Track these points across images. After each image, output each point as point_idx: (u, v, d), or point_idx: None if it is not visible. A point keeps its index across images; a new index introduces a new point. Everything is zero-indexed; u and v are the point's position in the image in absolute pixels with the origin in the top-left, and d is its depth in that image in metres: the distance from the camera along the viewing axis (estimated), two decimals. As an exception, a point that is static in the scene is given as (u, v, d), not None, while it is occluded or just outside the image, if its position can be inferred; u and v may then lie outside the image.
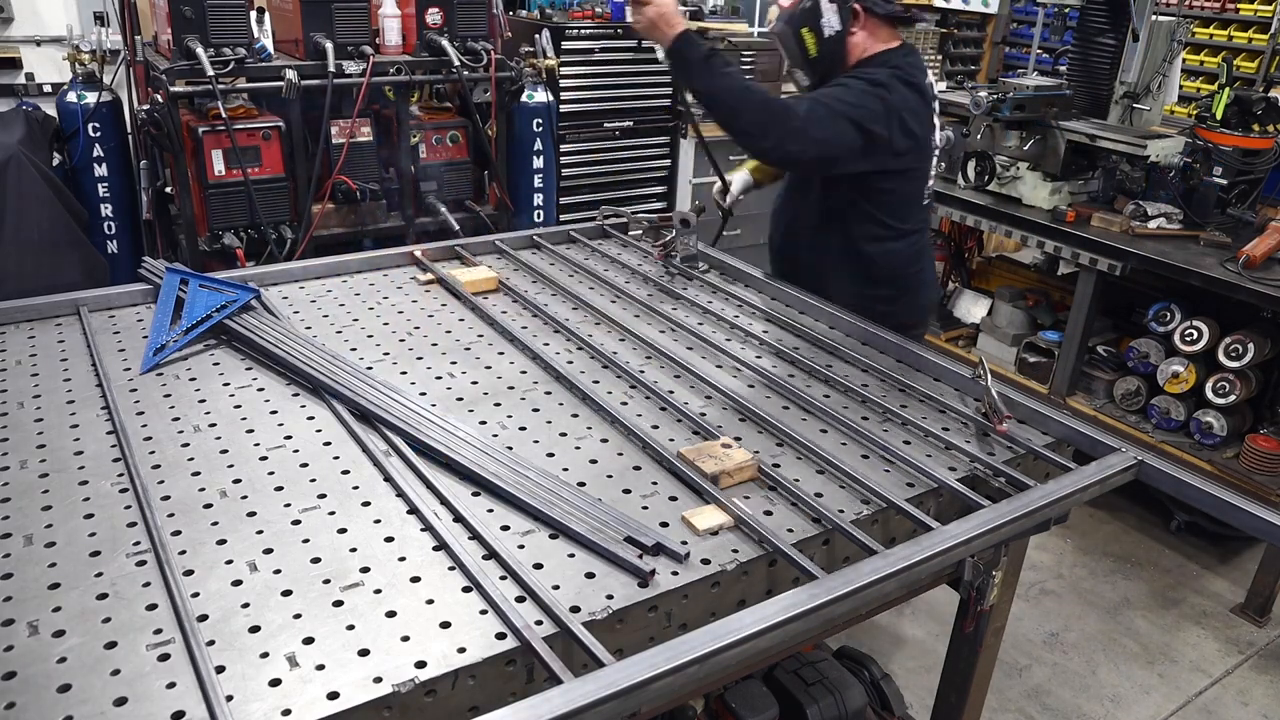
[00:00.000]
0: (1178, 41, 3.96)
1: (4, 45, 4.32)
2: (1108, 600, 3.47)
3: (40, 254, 3.74)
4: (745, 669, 1.78)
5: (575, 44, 4.83)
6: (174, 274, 2.26)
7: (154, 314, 2.15)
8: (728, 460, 1.65)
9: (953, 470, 1.73)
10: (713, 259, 2.75)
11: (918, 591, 1.84)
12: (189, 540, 1.43)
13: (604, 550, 1.42)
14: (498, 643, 1.25)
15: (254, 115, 3.60)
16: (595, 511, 1.50)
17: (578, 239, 2.91)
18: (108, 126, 3.94)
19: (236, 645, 1.23)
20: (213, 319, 2.09)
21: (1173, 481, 1.73)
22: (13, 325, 2.16)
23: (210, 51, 3.36)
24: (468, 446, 1.66)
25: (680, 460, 1.67)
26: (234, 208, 3.56)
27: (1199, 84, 7.13)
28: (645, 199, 5.38)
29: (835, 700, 2.20)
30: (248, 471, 1.63)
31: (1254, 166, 3.53)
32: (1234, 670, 3.17)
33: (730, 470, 1.63)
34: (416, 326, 2.26)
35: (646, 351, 2.17)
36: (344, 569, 1.38)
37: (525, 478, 1.58)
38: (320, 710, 1.13)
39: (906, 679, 2.97)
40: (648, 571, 1.37)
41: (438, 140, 4.01)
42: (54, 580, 1.34)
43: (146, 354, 2.00)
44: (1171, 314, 3.50)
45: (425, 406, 1.78)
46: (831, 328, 2.35)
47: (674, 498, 1.60)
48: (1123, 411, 3.73)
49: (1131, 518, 3.96)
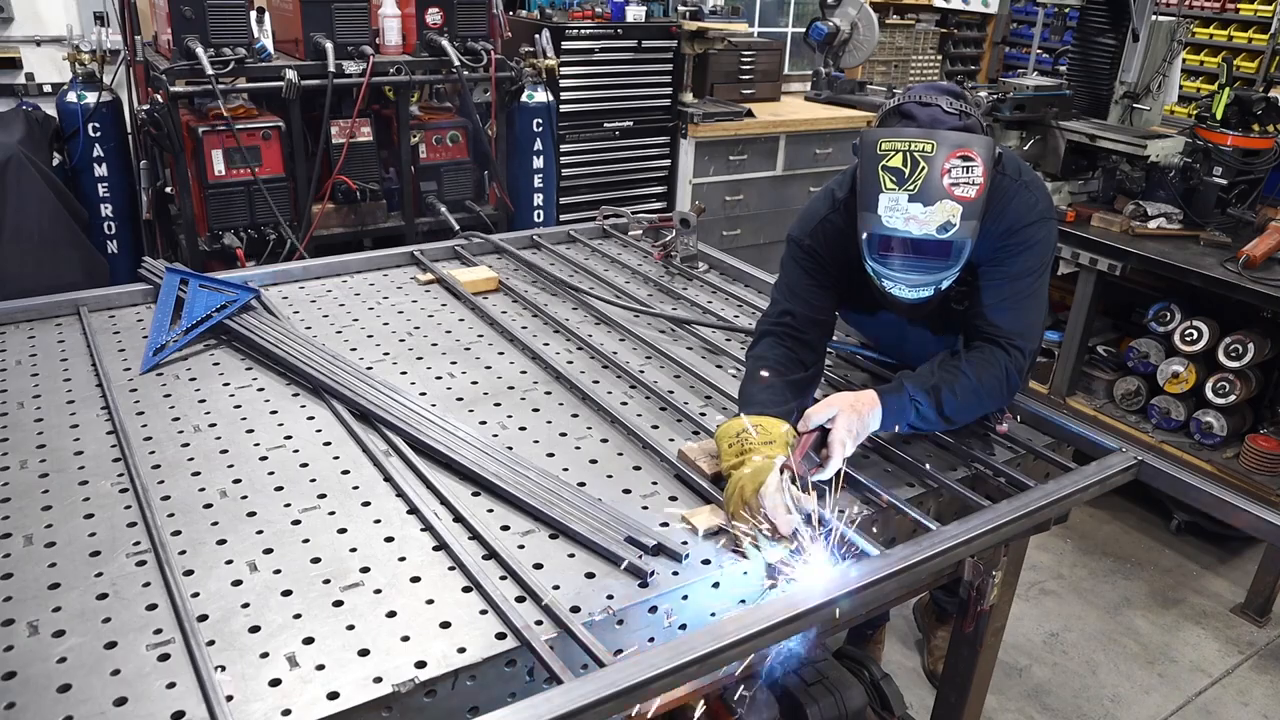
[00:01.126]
0: (1178, 41, 3.96)
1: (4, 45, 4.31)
2: (1108, 600, 3.47)
3: (40, 254, 3.74)
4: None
5: (575, 44, 4.83)
6: (174, 274, 2.26)
7: (154, 314, 2.15)
8: None
9: (953, 470, 1.73)
10: (713, 259, 2.75)
11: (918, 591, 1.84)
12: (189, 540, 1.43)
13: (604, 550, 1.42)
14: (498, 643, 1.25)
15: (254, 115, 3.60)
16: (595, 511, 1.50)
17: (578, 239, 2.92)
18: (108, 126, 3.94)
19: (236, 645, 1.23)
20: (213, 319, 2.09)
21: (1173, 481, 1.73)
22: (13, 325, 2.16)
23: (210, 51, 3.35)
24: (468, 446, 1.66)
25: (681, 460, 1.67)
26: (234, 208, 3.56)
27: (1199, 84, 7.12)
28: (645, 199, 5.38)
29: (835, 700, 2.20)
30: (248, 471, 1.63)
31: (1254, 166, 3.53)
32: (1234, 670, 3.17)
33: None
34: (416, 326, 2.26)
35: (646, 351, 2.17)
36: (344, 569, 1.38)
37: (525, 478, 1.58)
38: (320, 710, 1.13)
39: (906, 679, 2.97)
40: (648, 571, 1.37)
41: (438, 140, 4.01)
42: (54, 580, 1.34)
43: (146, 354, 2.00)
44: (1171, 314, 3.49)
45: (425, 406, 1.78)
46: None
47: (674, 498, 1.60)
48: (1123, 411, 3.73)
49: (1131, 518, 3.96)
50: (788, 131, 5.69)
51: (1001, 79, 4.08)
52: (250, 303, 2.18)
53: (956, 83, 6.57)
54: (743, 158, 5.56)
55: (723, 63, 5.79)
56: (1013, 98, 3.74)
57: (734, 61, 5.86)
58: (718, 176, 5.50)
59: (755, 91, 5.97)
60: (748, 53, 5.93)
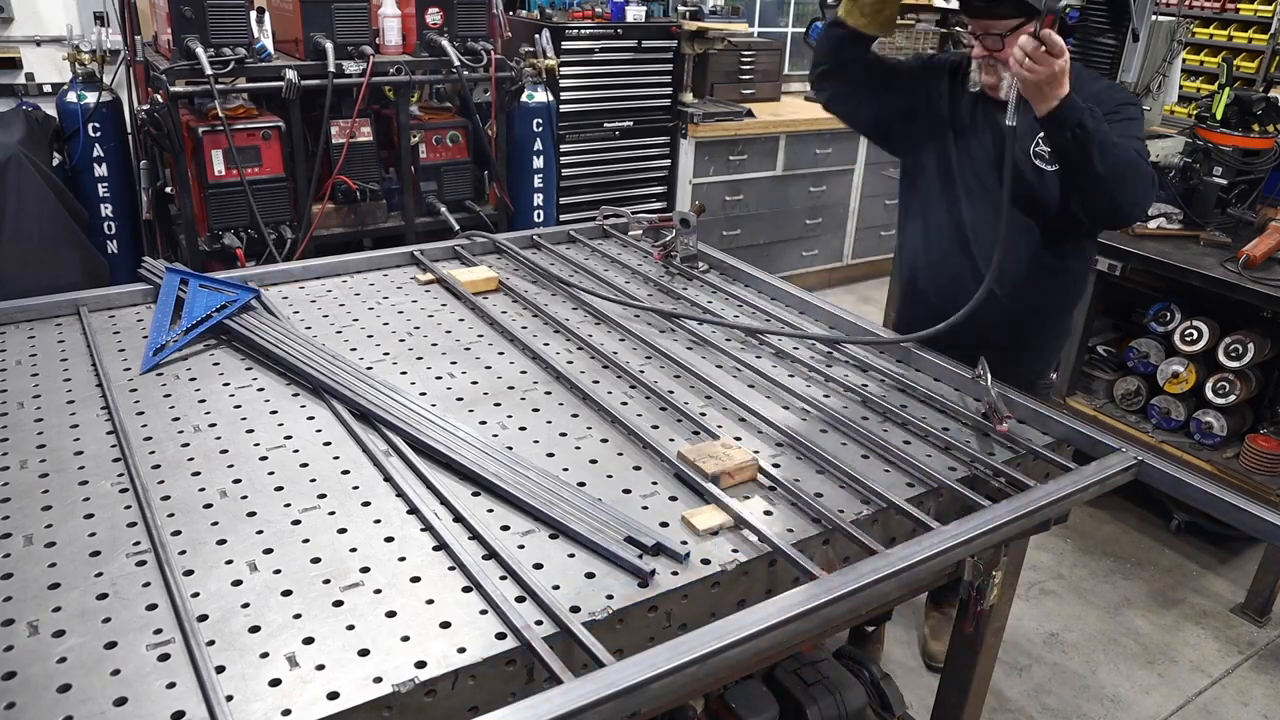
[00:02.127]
0: (1178, 41, 3.97)
1: (4, 45, 4.32)
2: (1108, 600, 3.47)
3: (40, 254, 3.74)
4: (745, 669, 1.78)
5: (575, 44, 4.84)
6: (174, 274, 2.26)
7: (154, 314, 2.15)
8: (728, 460, 1.65)
9: (953, 470, 1.73)
10: (713, 259, 2.74)
11: (918, 591, 1.85)
12: (189, 540, 1.43)
13: (604, 550, 1.42)
14: (498, 643, 1.25)
15: (254, 115, 3.60)
16: (595, 511, 1.50)
17: (578, 239, 2.92)
18: (108, 126, 3.94)
19: (236, 645, 1.23)
20: (213, 319, 2.09)
21: (1173, 481, 1.73)
22: (13, 325, 2.16)
23: (210, 51, 3.36)
24: (467, 446, 1.66)
25: (681, 460, 1.67)
26: (234, 208, 3.56)
27: (1199, 84, 7.12)
28: (645, 199, 5.39)
29: (835, 700, 2.20)
30: (248, 471, 1.63)
31: (1254, 166, 3.53)
32: (1234, 670, 3.17)
33: (731, 470, 1.63)
34: (416, 326, 2.26)
35: (646, 351, 2.17)
36: (344, 569, 1.38)
37: (525, 478, 1.58)
38: (320, 710, 1.13)
39: (906, 679, 2.97)
40: (648, 571, 1.37)
41: (438, 140, 4.01)
42: (54, 580, 1.33)
43: (146, 354, 2.00)
44: (1171, 314, 3.50)
45: (425, 407, 1.78)
46: (831, 328, 2.34)
47: (674, 498, 1.60)
48: (1123, 411, 3.73)
49: (1131, 518, 3.96)
50: (788, 131, 5.70)
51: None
52: (250, 303, 2.18)
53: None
54: (743, 158, 5.56)
55: (723, 63, 5.79)
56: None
57: (734, 61, 5.87)
58: (718, 176, 5.51)
59: (755, 91, 5.98)
60: (748, 53, 5.93)
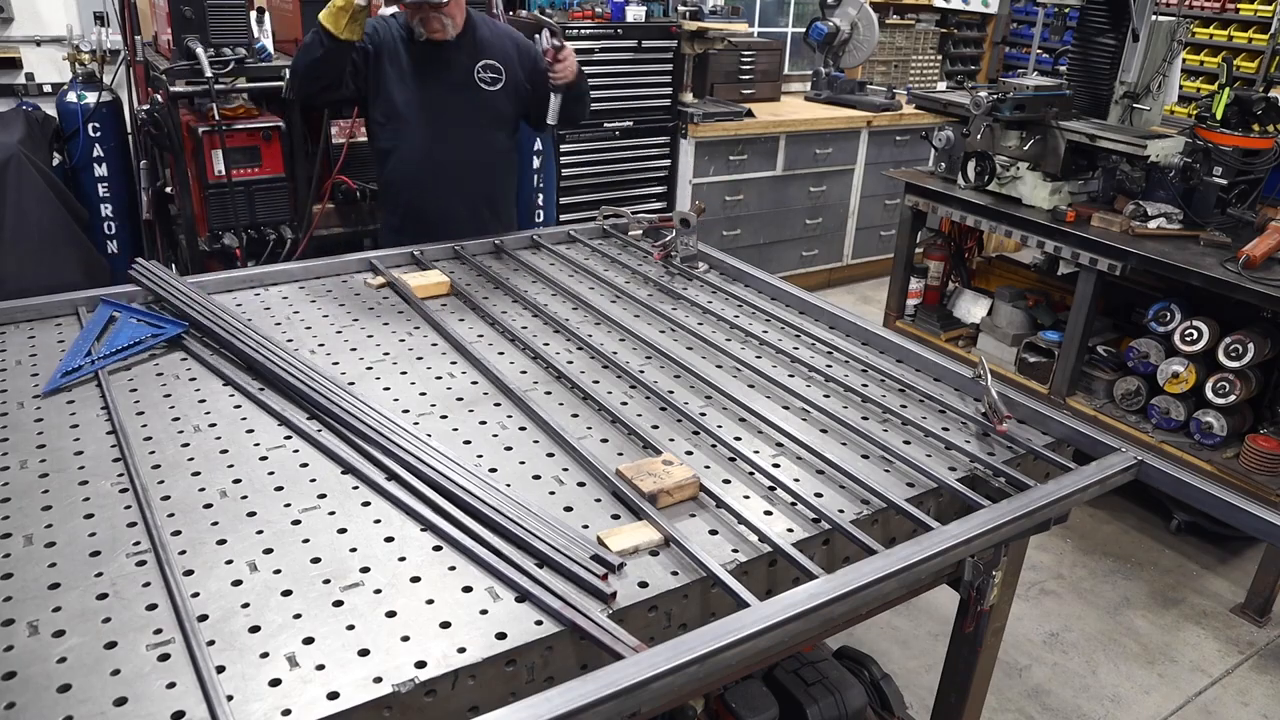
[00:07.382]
0: (1178, 41, 3.96)
1: (4, 45, 4.32)
2: (1108, 600, 3.47)
3: (40, 254, 3.75)
4: (745, 669, 1.78)
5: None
6: (108, 306, 2.19)
7: (75, 337, 2.06)
8: (667, 478, 1.58)
9: (953, 470, 1.73)
10: (713, 259, 2.75)
11: (918, 591, 1.84)
12: (189, 540, 1.43)
13: (567, 571, 1.36)
14: (498, 643, 1.25)
15: (254, 115, 3.60)
16: (559, 532, 1.44)
17: (578, 239, 2.92)
18: (108, 126, 3.95)
19: (236, 645, 1.23)
20: (135, 348, 2.01)
21: (1173, 481, 1.73)
22: (13, 325, 2.16)
23: (210, 51, 3.36)
24: (438, 460, 1.60)
25: (619, 478, 1.59)
26: (234, 208, 3.56)
27: (1199, 84, 7.12)
28: (645, 199, 5.38)
29: (835, 700, 2.20)
30: (248, 471, 1.63)
31: (1254, 166, 3.52)
32: (1234, 670, 3.17)
33: (670, 489, 1.56)
34: (416, 327, 2.26)
35: (646, 351, 2.17)
36: (344, 569, 1.38)
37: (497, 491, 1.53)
38: (320, 710, 1.13)
39: (906, 679, 2.97)
40: (609, 594, 1.33)
41: (438, 140, 4.00)
42: (54, 580, 1.34)
43: (55, 375, 1.90)
44: (1171, 314, 3.49)
45: (391, 418, 1.71)
46: (831, 328, 2.35)
47: (616, 515, 1.57)
48: (1123, 411, 3.73)
49: (1131, 518, 3.96)
50: (788, 131, 5.70)
51: (1001, 79, 4.07)
52: (180, 336, 2.08)
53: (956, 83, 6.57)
54: (743, 158, 5.56)
55: (723, 63, 5.79)
56: (1013, 98, 3.74)
57: (734, 61, 5.87)
58: (718, 176, 5.51)
59: (755, 91, 5.98)
60: (748, 53, 5.93)
